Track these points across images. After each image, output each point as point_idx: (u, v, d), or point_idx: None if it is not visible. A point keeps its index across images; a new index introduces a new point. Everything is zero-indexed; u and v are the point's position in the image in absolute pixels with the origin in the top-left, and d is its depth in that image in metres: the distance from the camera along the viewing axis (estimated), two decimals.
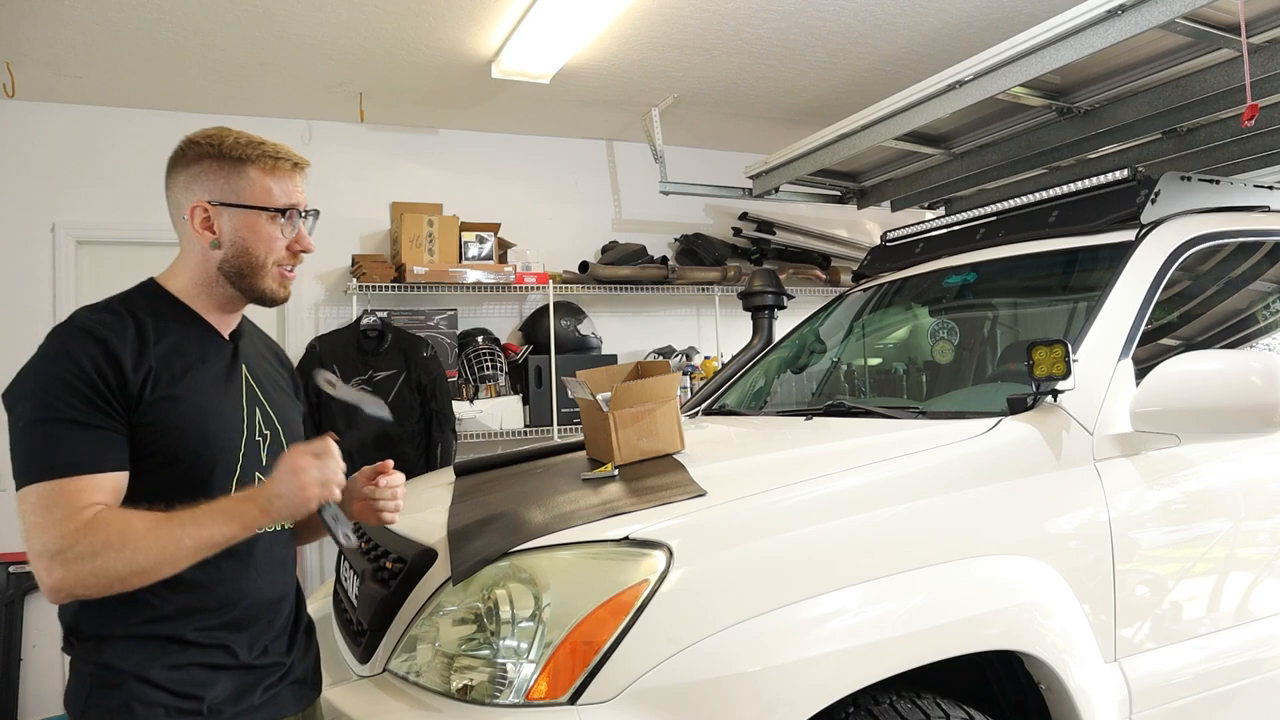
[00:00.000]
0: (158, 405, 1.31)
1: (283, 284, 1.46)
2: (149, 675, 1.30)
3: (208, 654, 1.35)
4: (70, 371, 1.27)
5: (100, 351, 1.29)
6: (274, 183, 1.42)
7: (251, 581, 1.40)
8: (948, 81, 2.96)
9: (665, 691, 1.41)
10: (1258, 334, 2.33)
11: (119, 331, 1.32)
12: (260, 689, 1.40)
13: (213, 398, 1.39)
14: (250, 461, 1.42)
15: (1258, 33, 2.49)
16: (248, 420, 1.44)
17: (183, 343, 1.39)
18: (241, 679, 1.38)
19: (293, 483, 1.27)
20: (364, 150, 4.80)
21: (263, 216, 1.41)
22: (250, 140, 1.42)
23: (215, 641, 1.35)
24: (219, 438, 1.38)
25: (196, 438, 1.34)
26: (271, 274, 1.44)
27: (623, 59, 4.05)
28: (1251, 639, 1.96)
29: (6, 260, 4.13)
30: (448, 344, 4.57)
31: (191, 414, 1.34)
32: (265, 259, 1.42)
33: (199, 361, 1.40)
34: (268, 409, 1.48)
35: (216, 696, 1.34)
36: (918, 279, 2.89)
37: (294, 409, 1.58)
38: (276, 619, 1.46)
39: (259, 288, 1.44)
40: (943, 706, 1.58)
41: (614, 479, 1.88)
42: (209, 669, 1.34)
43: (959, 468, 1.76)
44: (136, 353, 1.32)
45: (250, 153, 1.41)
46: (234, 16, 3.44)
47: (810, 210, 5.57)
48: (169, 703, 1.30)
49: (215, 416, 1.38)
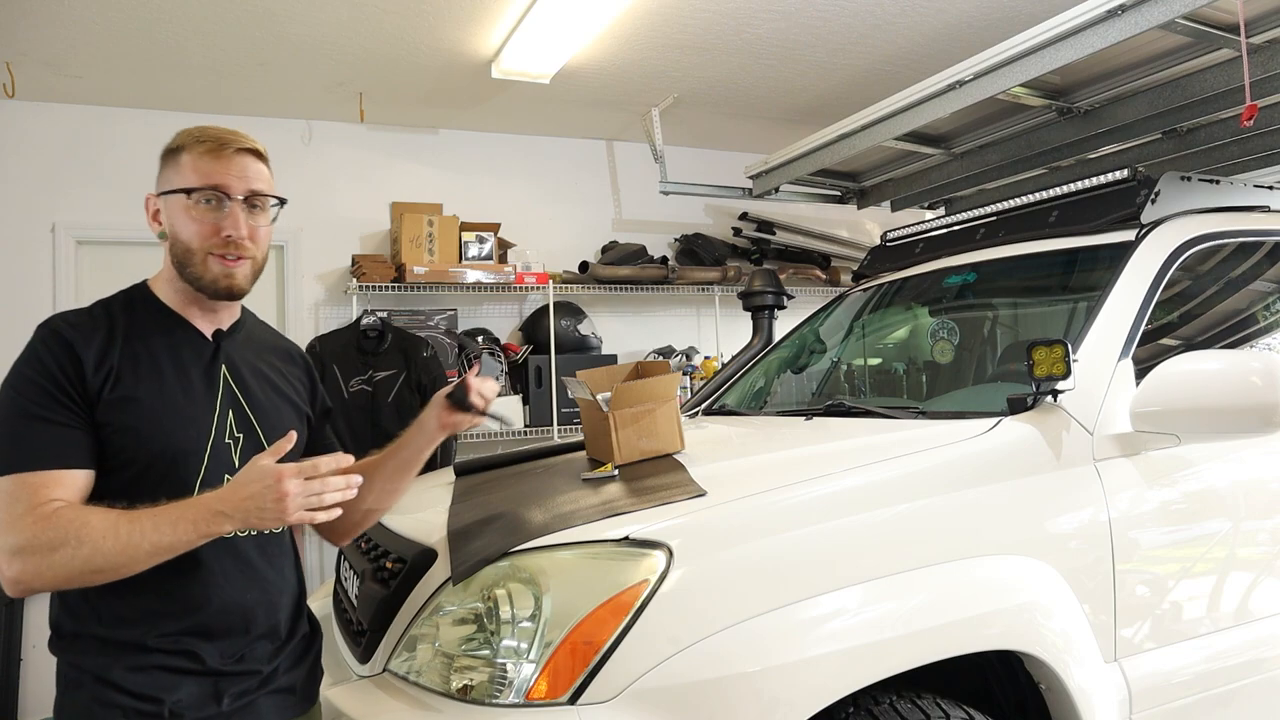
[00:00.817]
0: (115, 405, 1.31)
1: (226, 274, 1.39)
2: (110, 677, 1.29)
3: (171, 658, 1.32)
4: (36, 370, 1.30)
5: (64, 351, 1.31)
6: (201, 164, 1.38)
7: (216, 588, 1.36)
8: (948, 81, 2.96)
9: (665, 691, 1.41)
10: (1258, 334, 2.33)
11: (86, 332, 1.33)
12: (229, 695, 1.35)
13: (177, 399, 1.37)
14: (218, 463, 1.38)
15: (1257, 33, 2.49)
16: (218, 422, 1.40)
17: (155, 343, 1.38)
18: (207, 685, 1.34)
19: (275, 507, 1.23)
20: (364, 150, 4.81)
21: (181, 199, 1.38)
22: (193, 130, 1.41)
23: (179, 647, 1.32)
24: (179, 439, 1.35)
25: (155, 439, 1.33)
26: (206, 262, 1.38)
27: (623, 59, 4.05)
28: (1251, 639, 1.96)
29: (6, 260, 4.13)
30: (447, 344, 4.57)
31: (149, 415, 1.33)
32: (191, 244, 1.38)
33: (170, 362, 1.38)
34: (245, 410, 1.44)
35: (179, 700, 1.31)
36: (918, 279, 2.89)
37: (286, 410, 1.52)
38: (254, 626, 1.40)
39: (198, 276, 1.39)
40: (943, 706, 1.58)
41: (614, 479, 1.88)
42: (172, 673, 1.32)
43: (959, 468, 1.76)
44: (100, 353, 1.33)
45: (185, 140, 1.40)
46: (234, 16, 3.44)
47: (810, 210, 5.57)
48: (128, 704, 1.29)
49: (176, 418, 1.36)
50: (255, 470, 1.25)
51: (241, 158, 1.40)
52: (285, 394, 1.54)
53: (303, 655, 1.52)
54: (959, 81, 2.93)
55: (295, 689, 1.48)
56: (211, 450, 1.38)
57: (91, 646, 1.31)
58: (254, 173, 1.42)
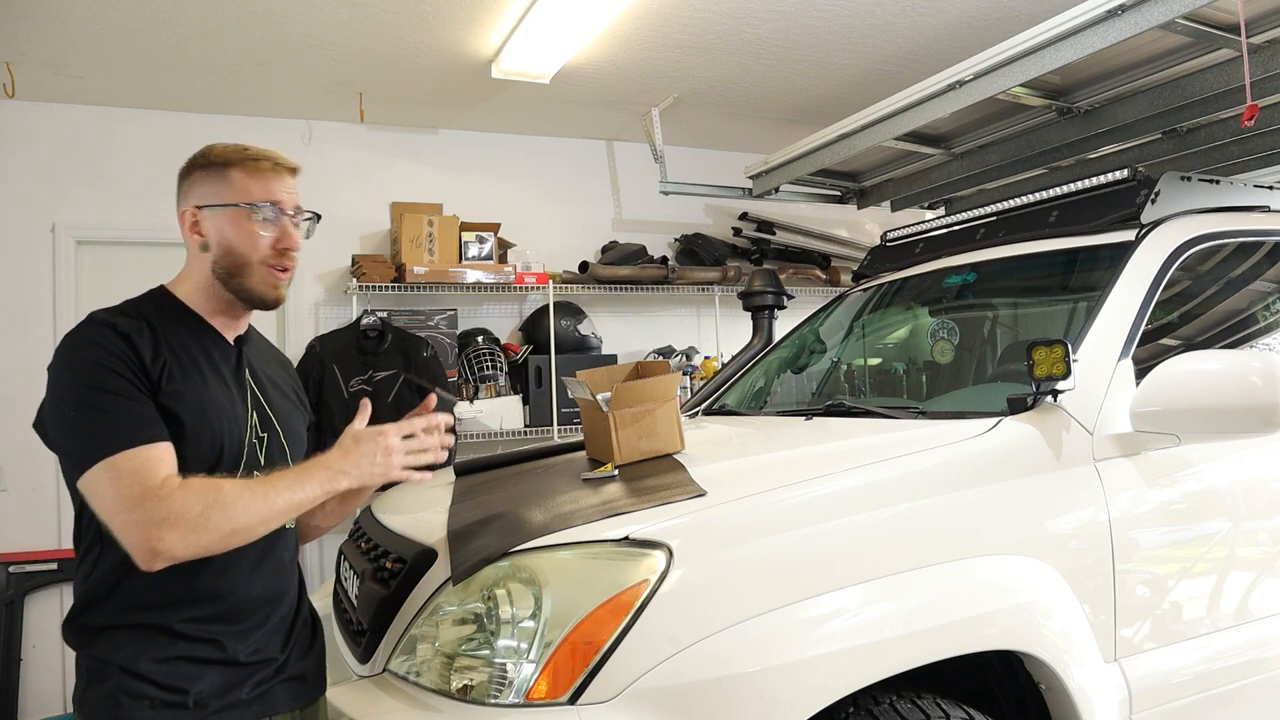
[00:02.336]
0: (171, 397, 1.36)
1: (274, 285, 1.48)
2: (136, 668, 1.33)
3: (196, 647, 1.37)
4: (101, 354, 1.33)
5: (123, 341, 1.35)
6: (254, 182, 1.46)
7: (243, 577, 1.42)
8: (948, 81, 2.96)
9: (665, 691, 1.41)
10: (1258, 334, 2.33)
11: (136, 327, 1.39)
12: (249, 684, 1.41)
13: (219, 397, 1.43)
14: (251, 460, 1.46)
15: (1257, 33, 2.49)
16: (248, 421, 1.48)
17: (189, 344, 1.44)
18: (230, 674, 1.39)
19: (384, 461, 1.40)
20: (364, 150, 4.80)
21: (242, 213, 1.45)
22: (235, 146, 1.48)
23: (204, 635, 1.37)
24: (224, 435, 1.41)
25: (203, 434, 1.38)
26: (259, 273, 1.46)
27: (623, 59, 4.05)
28: (1251, 639, 1.96)
29: (6, 260, 4.13)
30: (447, 344, 4.57)
31: (198, 410, 1.39)
32: (249, 256, 1.45)
33: (206, 364, 1.45)
34: (267, 412, 1.52)
35: (203, 689, 1.36)
36: (918, 279, 2.89)
37: (296, 412, 1.62)
38: (272, 616, 1.48)
39: (247, 288, 1.46)
40: (943, 706, 1.58)
41: (614, 479, 1.88)
42: (196, 663, 1.36)
43: (959, 468, 1.76)
44: (153, 347, 1.38)
45: (233, 157, 1.47)
46: (234, 16, 3.44)
47: (810, 210, 5.57)
48: (154, 694, 1.33)
49: (220, 415, 1.42)
50: (358, 433, 1.42)
51: (289, 176, 1.50)
52: (291, 398, 1.63)
53: (310, 644, 1.58)
54: (959, 81, 2.92)
55: (306, 676, 1.54)
56: (246, 448, 1.45)
57: (121, 638, 1.35)
58: (295, 189, 1.51)
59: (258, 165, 1.47)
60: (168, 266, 1.54)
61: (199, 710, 1.35)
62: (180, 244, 1.49)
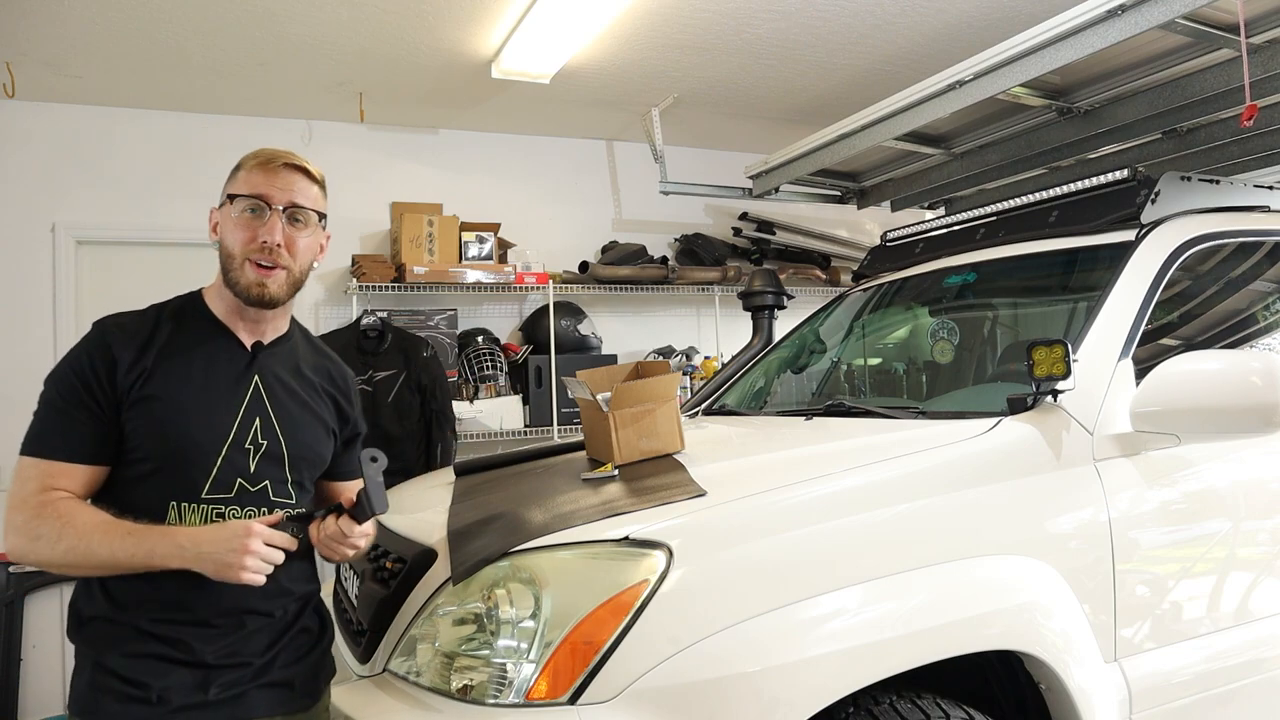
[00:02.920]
0: (140, 402, 1.40)
1: (258, 282, 1.46)
2: (106, 662, 1.38)
3: (163, 646, 1.39)
4: (73, 368, 1.41)
5: (101, 352, 1.40)
6: (250, 177, 1.48)
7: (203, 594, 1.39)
8: (948, 81, 2.95)
9: (665, 691, 1.41)
10: (1258, 334, 2.33)
11: (130, 334, 1.42)
12: (217, 685, 1.41)
13: (200, 401, 1.43)
14: (232, 467, 1.44)
15: (1257, 33, 2.49)
16: (239, 428, 1.45)
17: (192, 349, 1.46)
18: (197, 674, 1.40)
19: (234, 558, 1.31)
20: (364, 150, 4.80)
21: (229, 206, 1.48)
22: (258, 150, 1.52)
23: (172, 635, 1.39)
24: (194, 439, 1.42)
25: (170, 436, 1.40)
26: (244, 268, 1.46)
27: (623, 59, 4.05)
28: (1251, 639, 1.96)
29: (6, 260, 4.12)
30: (448, 344, 4.57)
31: (167, 414, 1.41)
32: (233, 249, 1.47)
33: (202, 368, 1.46)
34: (272, 420, 1.50)
35: (167, 686, 1.38)
36: (918, 279, 2.89)
37: (314, 427, 1.56)
38: (250, 622, 1.45)
39: (235, 281, 1.47)
40: (943, 706, 1.58)
41: (614, 479, 1.88)
42: (162, 661, 1.39)
43: (959, 468, 1.76)
44: (137, 352, 1.41)
45: (247, 158, 1.51)
46: (234, 16, 3.44)
47: (810, 210, 5.57)
48: (118, 688, 1.37)
49: (195, 418, 1.42)
50: (230, 524, 1.37)
51: (289, 173, 1.50)
52: (315, 411, 1.58)
53: (306, 651, 1.55)
54: (959, 81, 2.92)
55: (294, 684, 1.51)
56: (227, 453, 1.44)
57: (100, 630, 1.40)
58: (299, 188, 1.50)
59: (259, 163, 1.49)
60: (168, 266, 1.55)
61: (161, 706, 1.37)
62: (180, 244, 1.51)
